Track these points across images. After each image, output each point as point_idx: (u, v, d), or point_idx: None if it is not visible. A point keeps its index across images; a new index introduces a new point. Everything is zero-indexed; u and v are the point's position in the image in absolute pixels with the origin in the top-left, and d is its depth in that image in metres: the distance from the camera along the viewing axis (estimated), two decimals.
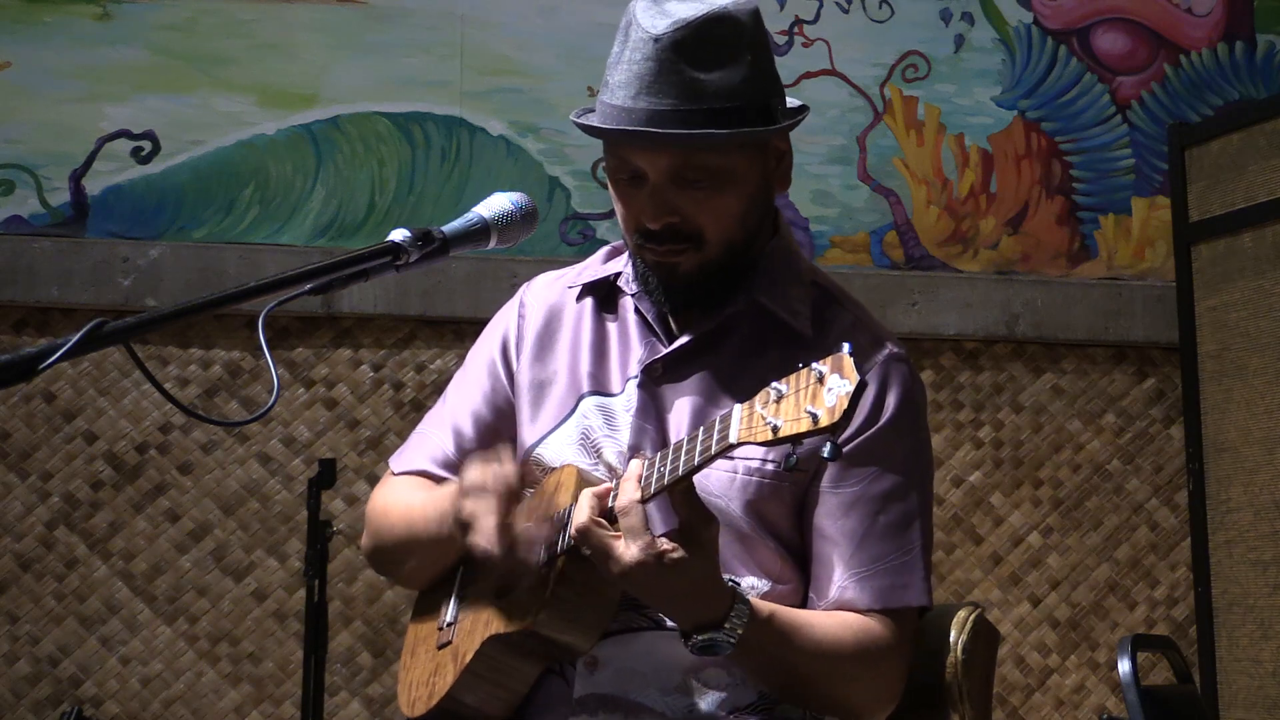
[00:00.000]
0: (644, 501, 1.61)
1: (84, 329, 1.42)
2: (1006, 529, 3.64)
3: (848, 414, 1.40)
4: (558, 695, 1.78)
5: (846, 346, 1.43)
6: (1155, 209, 3.79)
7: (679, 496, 1.61)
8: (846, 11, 3.76)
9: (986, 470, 3.66)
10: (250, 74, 3.52)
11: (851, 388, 1.39)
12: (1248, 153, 3.37)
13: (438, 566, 1.90)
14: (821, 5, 3.74)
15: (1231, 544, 3.33)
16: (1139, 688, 2.53)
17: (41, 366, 1.39)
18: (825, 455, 1.41)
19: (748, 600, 1.67)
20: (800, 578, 1.82)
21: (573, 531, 1.64)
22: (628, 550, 1.59)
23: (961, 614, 1.87)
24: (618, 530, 1.62)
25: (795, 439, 1.44)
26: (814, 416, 1.41)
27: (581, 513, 1.63)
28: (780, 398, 1.46)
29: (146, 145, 3.47)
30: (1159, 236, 3.76)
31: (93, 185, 3.44)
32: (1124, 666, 2.55)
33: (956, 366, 3.68)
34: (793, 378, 1.47)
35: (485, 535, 1.67)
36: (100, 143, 3.45)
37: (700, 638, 1.65)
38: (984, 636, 1.88)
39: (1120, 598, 3.65)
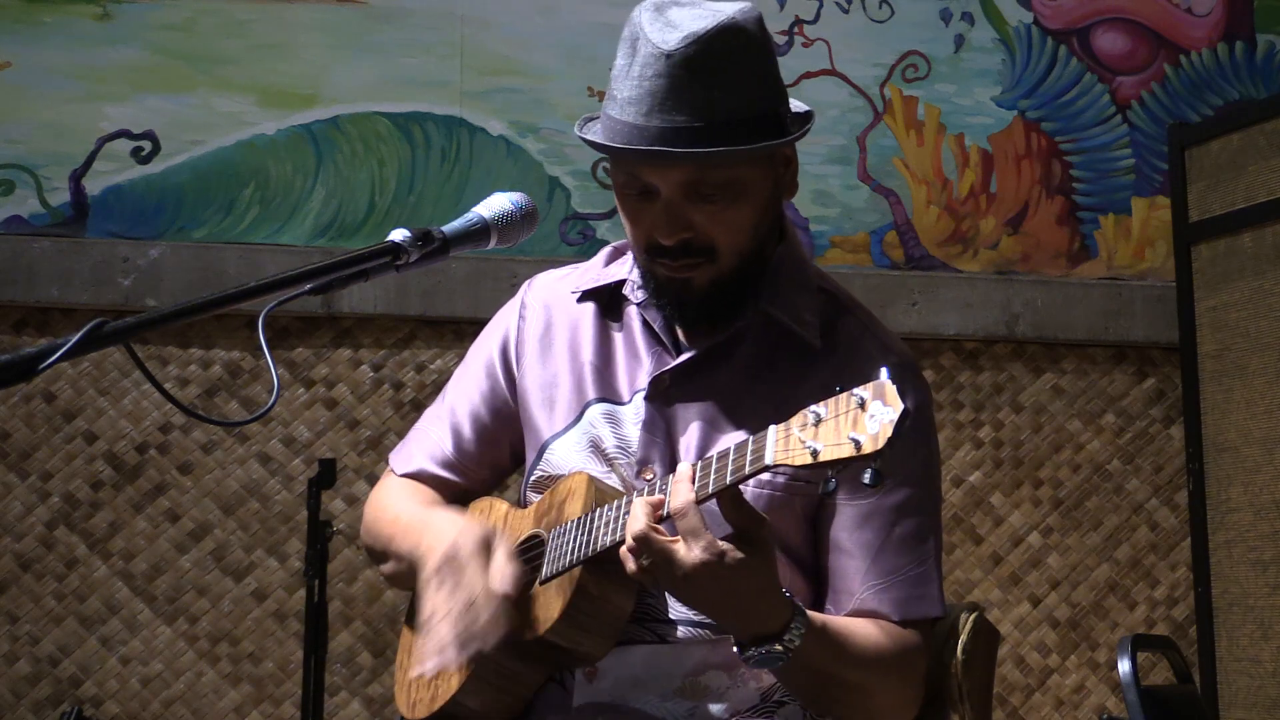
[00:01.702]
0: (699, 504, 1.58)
1: (84, 329, 1.42)
2: (1006, 529, 3.64)
3: (891, 442, 1.39)
4: (557, 703, 1.78)
5: (886, 372, 1.42)
6: (1155, 209, 3.79)
7: (728, 503, 1.58)
8: (846, 11, 3.75)
9: (986, 470, 3.66)
10: (250, 74, 3.52)
11: (896, 415, 1.38)
12: (1248, 153, 3.37)
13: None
14: (821, 5, 3.74)
15: (1231, 544, 3.33)
16: (1139, 688, 2.53)
17: (41, 366, 1.39)
18: (867, 482, 1.40)
19: (804, 611, 1.65)
20: (811, 592, 1.82)
21: (630, 539, 1.60)
22: (690, 552, 1.56)
23: (961, 614, 1.87)
24: (674, 537, 1.59)
25: (837, 464, 1.43)
26: (856, 443, 1.40)
27: (638, 521, 1.59)
28: (819, 421, 1.45)
29: (146, 145, 3.47)
30: (1159, 236, 3.75)
31: (93, 185, 3.44)
32: (1124, 666, 2.55)
33: (956, 366, 3.68)
34: (832, 401, 1.45)
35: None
36: (100, 143, 3.45)
37: (758, 650, 1.62)
38: (984, 636, 1.88)
39: (1120, 598, 3.65)
